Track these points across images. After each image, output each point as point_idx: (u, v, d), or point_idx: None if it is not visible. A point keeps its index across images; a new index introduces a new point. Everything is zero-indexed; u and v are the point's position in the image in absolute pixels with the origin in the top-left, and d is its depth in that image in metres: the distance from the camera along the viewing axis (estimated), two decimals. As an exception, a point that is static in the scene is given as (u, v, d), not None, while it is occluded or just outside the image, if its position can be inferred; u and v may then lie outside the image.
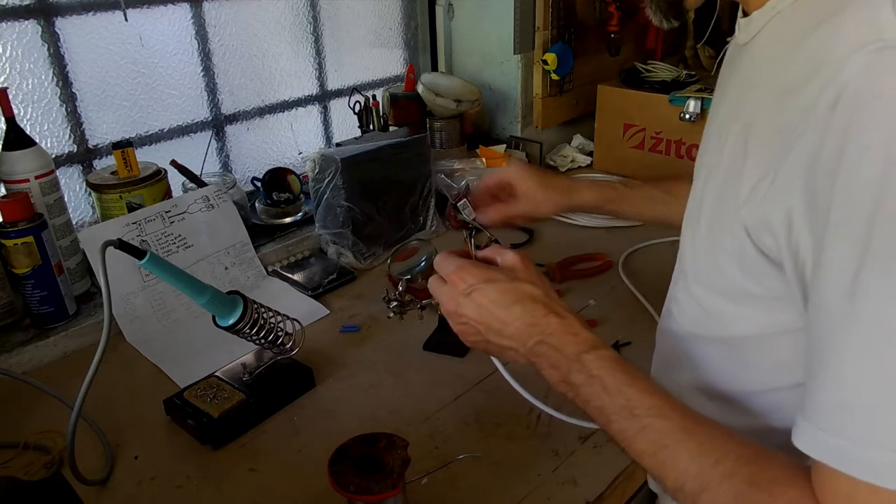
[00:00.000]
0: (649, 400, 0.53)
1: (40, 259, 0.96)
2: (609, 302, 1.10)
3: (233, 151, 1.39)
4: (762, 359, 0.57)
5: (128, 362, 0.98)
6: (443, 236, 1.33)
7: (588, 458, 0.77)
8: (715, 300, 0.58)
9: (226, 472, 0.77)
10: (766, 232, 0.48)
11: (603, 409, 0.56)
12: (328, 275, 1.17)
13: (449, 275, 0.63)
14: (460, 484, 0.74)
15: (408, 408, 0.86)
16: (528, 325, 0.60)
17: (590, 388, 0.56)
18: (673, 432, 0.51)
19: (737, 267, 0.53)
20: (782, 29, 0.50)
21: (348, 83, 1.53)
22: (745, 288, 0.53)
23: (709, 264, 0.57)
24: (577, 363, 0.57)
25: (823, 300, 0.42)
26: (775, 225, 0.46)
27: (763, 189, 0.47)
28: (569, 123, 1.73)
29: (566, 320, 0.60)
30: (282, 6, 1.37)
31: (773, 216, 0.46)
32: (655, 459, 0.52)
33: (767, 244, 0.48)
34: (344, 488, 0.62)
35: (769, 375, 0.57)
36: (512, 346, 0.62)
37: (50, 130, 1.13)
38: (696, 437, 0.50)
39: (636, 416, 0.53)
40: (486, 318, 0.61)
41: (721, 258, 0.54)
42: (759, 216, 0.48)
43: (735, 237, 0.51)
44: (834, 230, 0.40)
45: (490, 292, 0.61)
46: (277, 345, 0.88)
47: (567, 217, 1.38)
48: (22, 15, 1.05)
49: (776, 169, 0.45)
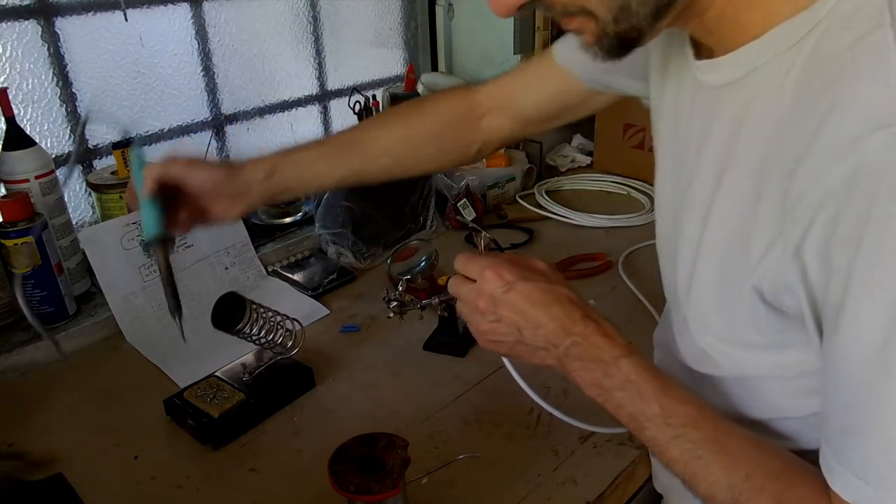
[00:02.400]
0: (683, 410, 0.54)
1: (40, 259, 0.96)
2: (609, 302, 1.10)
3: (233, 151, 1.39)
4: (775, 393, 0.57)
5: (128, 362, 0.98)
6: (443, 236, 1.33)
7: (588, 458, 0.77)
8: (724, 347, 0.57)
9: (226, 472, 0.77)
10: (784, 293, 0.48)
11: (636, 415, 0.56)
12: (328, 275, 1.17)
13: (484, 270, 0.61)
14: (460, 484, 0.74)
15: (408, 408, 0.86)
16: (565, 327, 0.59)
17: (624, 392, 0.56)
18: (706, 443, 0.52)
19: (751, 324, 0.52)
20: (778, 86, 0.48)
21: (348, 83, 1.53)
22: (758, 341, 0.53)
23: (716, 318, 0.56)
24: (615, 367, 0.57)
25: (854, 354, 0.43)
26: (793, 285, 0.46)
27: (775, 255, 0.47)
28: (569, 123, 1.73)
29: (602, 325, 0.60)
30: (282, 6, 1.37)
31: (789, 278, 0.46)
32: (688, 468, 0.53)
33: (786, 303, 0.48)
34: (344, 488, 0.62)
35: (782, 407, 0.57)
36: (545, 346, 0.60)
37: (50, 130, 1.13)
38: (728, 449, 0.52)
39: (670, 425, 0.54)
40: (524, 316, 0.60)
41: (732, 315, 0.53)
42: (775, 280, 0.48)
43: (747, 298, 0.51)
44: (860, 294, 0.41)
45: (530, 290, 0.60)
46: (277, 345, 0.88)
47: (567, 217, 1.38)
48: (22, 15, 1.05)
49: (788, 236, 0.45)
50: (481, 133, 0.87)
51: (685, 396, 0.55)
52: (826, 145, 0.42)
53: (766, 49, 0.48)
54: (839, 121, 0.42)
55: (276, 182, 0.78)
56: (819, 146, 0.42)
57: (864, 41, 0.42)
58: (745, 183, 0.50)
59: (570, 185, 1.56)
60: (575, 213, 1.38)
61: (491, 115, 0.86)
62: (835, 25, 0.45)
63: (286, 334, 0.89)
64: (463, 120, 0.86)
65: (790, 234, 0.45)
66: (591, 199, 1.49)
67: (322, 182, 0.83)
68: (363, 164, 0.84)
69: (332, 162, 0.82)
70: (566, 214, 1.39)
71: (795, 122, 0.45)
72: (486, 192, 1.43)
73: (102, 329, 1.03)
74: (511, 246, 1.30)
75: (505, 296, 0.60)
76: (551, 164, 1.65)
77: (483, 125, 0.87)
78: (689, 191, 0.58)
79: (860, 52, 0.42)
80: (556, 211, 1.40)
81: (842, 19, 0.44)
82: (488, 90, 0.86)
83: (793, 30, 0.47)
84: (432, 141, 0.86)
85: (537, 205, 1.43)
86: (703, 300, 0.57)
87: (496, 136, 0.88)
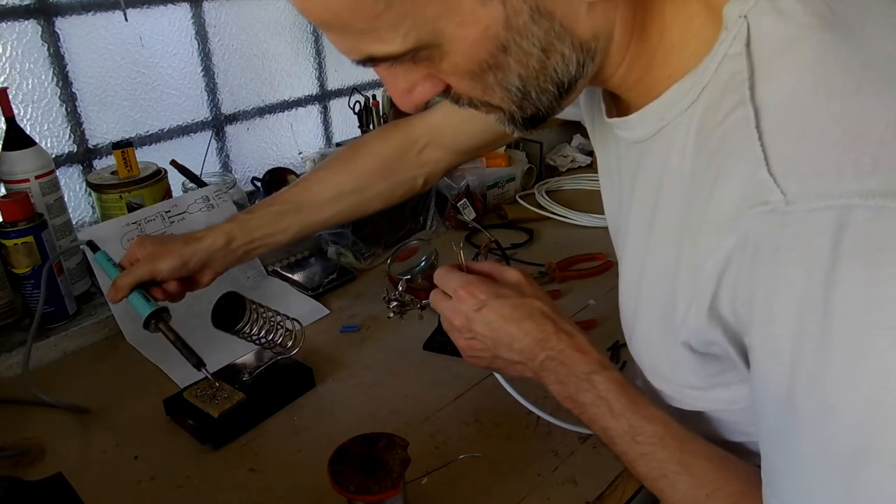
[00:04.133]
0: (651, 428, 0.55)
1: (40, 259, 0.96)
2: (609, 302, 1.09)
3: (233, 151, 1.39)
4: (736, 422, 0.57)
5: (128, 362, 0.98)
6: (443, 236, 1.33)
7: (588, 458, 0.77)
8: (673, 388, 0.58)
9: (226, 472, 0.77)
10: (711, 345, 0.49)
11: (607, 430, 0.57)
12: (328, 275, 1.17)
13: (456, 290, 0.63)
14: (460, 484, 0.74)
15: (408, 408, 0.86)
16: (539, 341, 0.61)
17: (596, 409, 0.58)
18: (671, 463, 0.54)
19: (690, 371, 0.54)
20: (682, 148, 0.49)
21: (348, 83, 1.53)
22: (701, 384, 0.55)
23: (664, 365, 0.57)
24: (587, 383, 0.58)
25: (768, 402, 0.44)
26: (716, 338, 0.48)
27: (692, 318, 0.48)
28: (569, 123, 1.73)
29: (575, 338, 0.61)
30: (282, 6, 1.37)
31: (711, 335, 0.48)
32: (656, 484, 0.55)
33: (715, 350, 0.50)
34: (344, 488, 0.62)
35: (746, 433, 0.57)
36: (521, 360, 0.62)
37: (50, 130, 1.13)
38: (692, 470, 0.53)
39: (638, 442, 0.55)
40: (497, 333, 0.62)
41: (675, 362, 0.54)
42: (699, 337, 0.49)
43: (680, 350, 0.52)
44: (762, 354, 0.43)
45: (501, 307, 0.62)
46: (277, 345, 0.88)
47: (567, 217, 1.38)
48: (22, 15, 1.05)
49: (700, 300, 0.46)
50: (425, 166, 0.92)
51: (653, 415, 0.56)
52: (715, 218, 0.44)
53: (666, 108, 0.49)
54: (722, 196, 0.43)
55: (235, 249, 0.85)
56: (710, 218, 0.44)
57: (732, 117, 0.43)
58: (668, 243, 0.51)
59: (570, 185, 1.56)
60: (575, 213, 1.38)
61: (430, 149, 0.91)
62: (716, 93, 0.46)
63: (286, 334, 0.89)
64: (404, 155, 0.91)
65: (701, 298, 0.46)
66: (591, 199, 1.48)
67: (279, 240, 0.88)
68: (314, 214, 0.89)
69: (283, 221, 0.87)
70: (566, 214, 1.39)
71: (694, 190, 0.47)
72: (486, 192, 1.43)
73: (102, 329, 1.03)
74: (511, 246, 1.30)
75: (478, 314, 0.62)
76: (551, 164, 1.65)
77: (423, 158, 0.91)
78: (626, 239, 0.59)
79: (731, 128, 0.43)
80: (556, 211, 1.40)
81: (720, 88, 0.45)
82: (426, 123, 0.90)
83: (686, 90, 0.48)
84: (379, 180, 0.91)
85: (537, 205, 1.43)
86: (648, 346, 0.58)
87: (438, 168, 0.93)
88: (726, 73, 0.45)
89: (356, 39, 0.44)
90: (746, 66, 0.43)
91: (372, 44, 0.43)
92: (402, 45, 0.43)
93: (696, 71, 0.47)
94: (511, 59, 0.45)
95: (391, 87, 0.49)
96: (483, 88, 0.47)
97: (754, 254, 0.41)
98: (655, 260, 0.53)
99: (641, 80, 0.51)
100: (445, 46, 0.44)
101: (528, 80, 0.46)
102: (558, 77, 0.47)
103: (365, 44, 0.44)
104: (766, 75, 0.43)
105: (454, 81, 0.48)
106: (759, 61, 0.43)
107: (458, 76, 0.47)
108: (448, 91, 0.49)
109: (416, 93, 0.49)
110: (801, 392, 0.41)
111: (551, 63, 0.46)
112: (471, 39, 0.43)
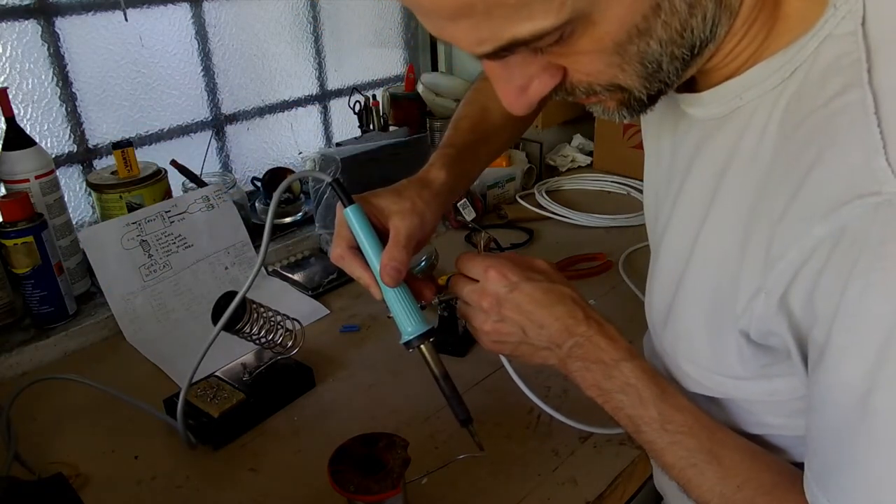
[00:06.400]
0: (681, 417, 0.55)
1: (40, 259, 0.96)
2: (609, 302, 1.10)
3: (233, 151, 1.39)
4: (765, 413, 0.57)
5: (128, 362, 0.98)
6: (443, 236, 1.33)
7: (588, 458, 0.77)
8: (712, 376, 0.56)
9: (226, 472, 0.77)
10: (770, 336, 0.48)
11: (634, 418, 0.56)
12: (328, 275, 1.17)
13: (487, 269, 0.60)
14: (460, 484, 0.74)
15: (408, 408, 0.86)
16: (568, 327, 0.59)
17: (624, 396, 0.57)
18: (701, 453, 0.53)
19: (737, 360, 0.52)
20: (762, 128, 0.46)
21: (348, 83, 1.53)
22: (745, 374, 0.53)
23: (706, 351, 0.55)
24: (616, 369, 0.57)
25: (835, 398, 0.43)
26: (779, 329, 0.46)
27: (759, 305, 0.46)
28: (569, 123, 1.73)
29: (604, 326, 0.60)
30: (282, 6, 1.38)
31: (775, 325, 0.46)
32: (683, 474, 0.54)
33: (773, 342, 0.49)
34: (344, 488, 0.62)
35: (772, 425, 0.57)
36: (548, 346, 0.60)
37: (50, 130, 1.13)
38: (722, 460, 0.53)
39: (667, 431, 0.55)
40: (528, 316, 0.60)
41: (720, 350, 0.53)
42: (760, 327, 0.48)
43: (734, 339, 0.51)
44: (839, 350, 0.42)
45: (533, 290, 0.60)
46: (277, 345, 0.88)
47: (567, 217, 1.38)
48: (22, 15, 1.05)
49: (771, 289, 0.45)
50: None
51: (683, 404, 0.55)
52: (808, 204, 0.42)
53: (747, 87, 0.47)
54: (821, 182, 0.41)
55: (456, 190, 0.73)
56: (801, 204, 0.42)
57: (839, 100, 0.41)
58: (732, 228, 0.48)
59: (570, 185, 1.56)
60: (575, 213, 1.38)
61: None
62: (815, 74, 0.43)
63: (286, 334, 0.89)
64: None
65: (773, 287, 0.45)
66: (591, 199, 1.48)
67: (475, 176, 0.79)
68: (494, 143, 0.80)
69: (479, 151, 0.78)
70: (566, 214, 1.39)
71: (779, 173, 0.45)
72: (486, 192, 1.43)
73: (102, 329, 1.03)
74: (511, 246, 1.30)
75: (509, 295, 0.60)
76: (551, 163, 1.65)
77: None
78: (670, 223, 0.57)
79: (841, 110, 0.41)
80: (556, 211, 1.40)
81: (820, 69, 0.43)
82: None
83: (774, 69, 0.45)
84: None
85: (537, 205, 1.43)
86: (688, 334, 0.56)
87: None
88: (830, 54, 0.42)
89: (500, 22, 0.38)
90: (863, 46, 0.41)
91: (519, 23, 0.37)
92: (557, 19, 0.37)
93: (790, 49, 0.44)
94: (658, 22, 0.40)
95: (504, 86, 0.44)
96: (620, 64, 0.42)
97: (851, 245, 0.39)
98: (711, 245, 0.51)
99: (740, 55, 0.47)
100: (596, 15, 0.38)
101: (666, 45, 0.41)
102: (693, 38, 0.42)
103: (510, 25, 0.38)
104: (886, 59, 0.40)
105: (587, 62, 0.42)
106: (878, 44, 0.41)
107: (597, 53, 0.41)
108: (561, 84, 0.45)
109: (532, 89, 0.44)
110: (881, 391, 0.39)
111: (692, 23, 0.41)
112: (628, 1, 0.39)
